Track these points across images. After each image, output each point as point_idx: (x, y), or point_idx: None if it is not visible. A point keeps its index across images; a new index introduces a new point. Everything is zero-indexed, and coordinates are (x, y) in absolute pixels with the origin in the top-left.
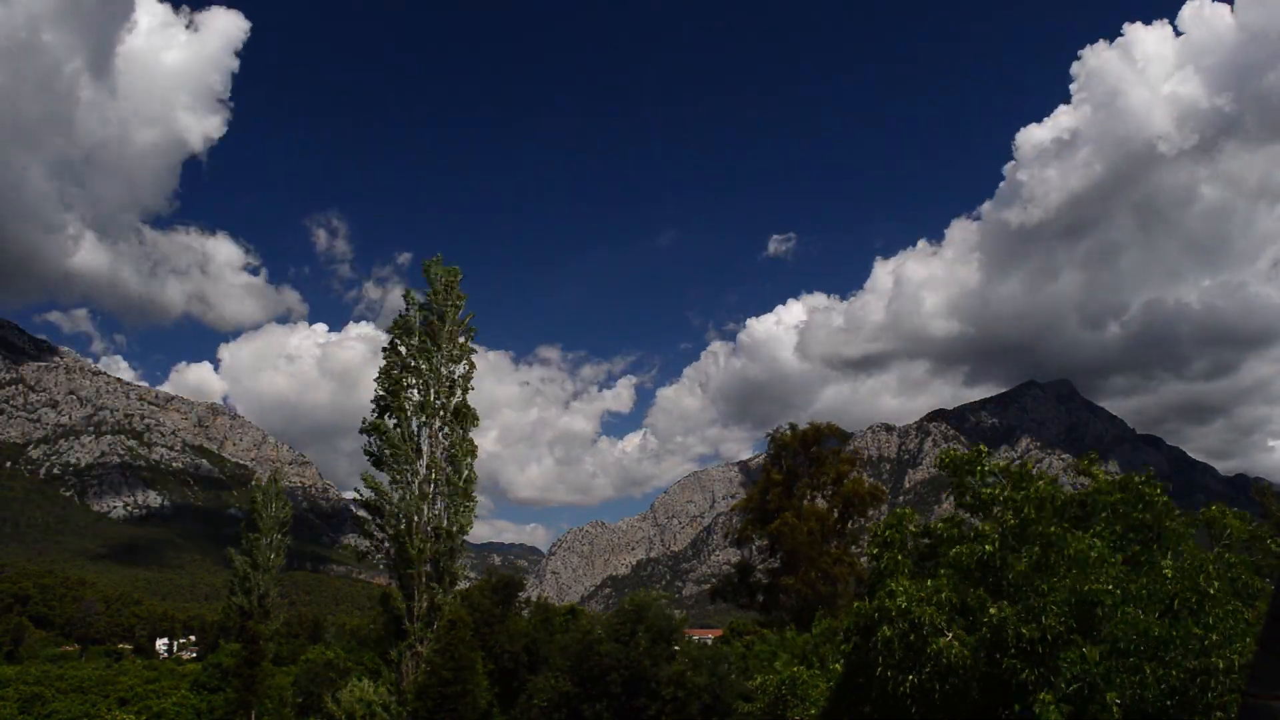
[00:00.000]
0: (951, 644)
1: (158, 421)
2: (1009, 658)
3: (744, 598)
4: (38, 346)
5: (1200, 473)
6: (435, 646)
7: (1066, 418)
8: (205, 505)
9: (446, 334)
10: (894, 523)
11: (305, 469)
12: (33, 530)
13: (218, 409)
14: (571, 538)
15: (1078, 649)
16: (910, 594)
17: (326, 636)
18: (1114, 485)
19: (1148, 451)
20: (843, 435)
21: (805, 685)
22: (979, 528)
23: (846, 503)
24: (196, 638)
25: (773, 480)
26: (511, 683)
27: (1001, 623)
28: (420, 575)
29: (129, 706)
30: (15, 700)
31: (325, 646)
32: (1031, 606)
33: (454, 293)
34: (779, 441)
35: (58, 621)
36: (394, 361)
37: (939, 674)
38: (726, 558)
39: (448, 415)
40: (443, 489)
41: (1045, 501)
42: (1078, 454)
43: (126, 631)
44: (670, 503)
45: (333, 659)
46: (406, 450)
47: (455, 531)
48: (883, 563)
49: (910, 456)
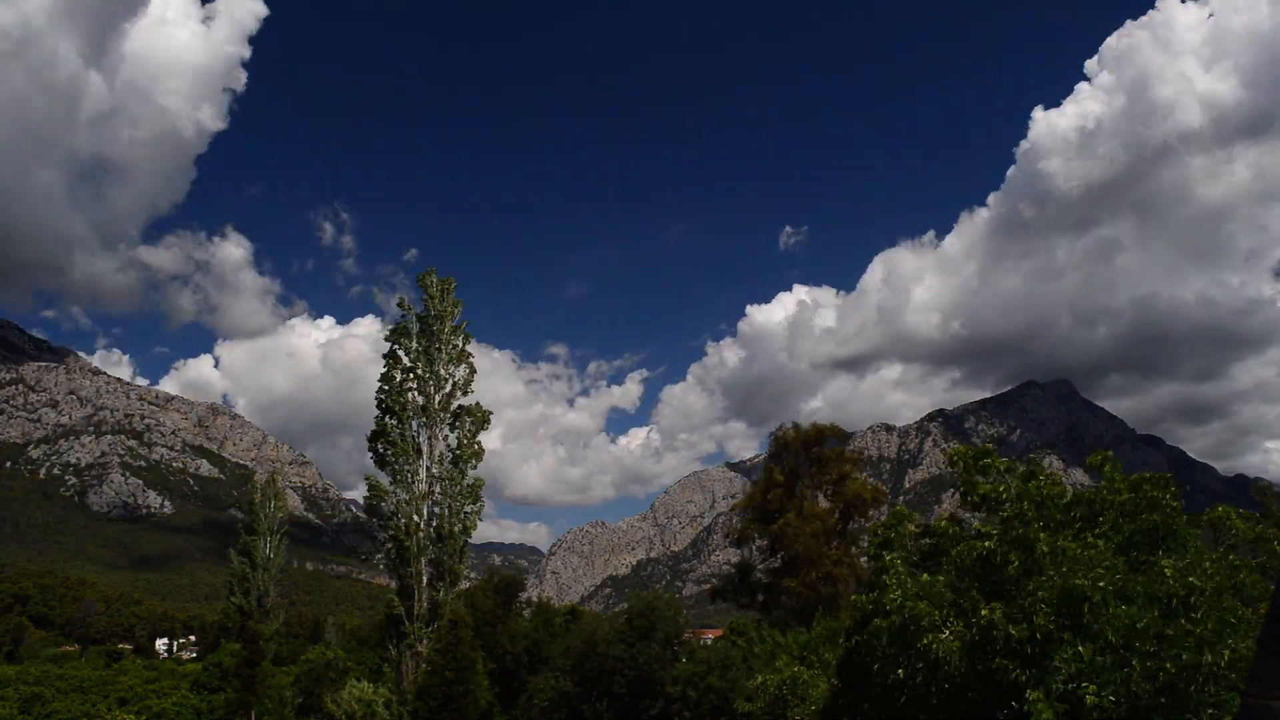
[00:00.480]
0: (941, 639)
1: (158, 421)
2: (999, 658)
3: (744, 598)
4: (38, 346)
5: (1200, 473)
6: (436, 646)
7: (1066, 418)
8: (205, 505)
9: (445, 339)
10: (893, 522)
11: (305, 469)
12: (33, 530)
13: (218, 409)
14: (571, 538)
15: (1071, 646)
16: (906, 589)
17: (326, 636)
18: (1125, 485)
19: (1148, 451)
20: (844, 435)
21: (805, 685)
22: (979, 526)
23: (848, 504)
24: (196, 638)
25: (774, 480)
26: (512, 683)
27: (991, 623)
28: (421, 575)
29: (129, 706)
30: (15, 700)
31: (325, 646)
32: (1022, 606)
33: (450, 299)
34: (780, 441)
35: (58, 621)
36: (395, 366)
37: (928, 668)
38: (726, 558)
39: (449, 417)
40: (446, 490)
41: (1047, 501)
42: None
43: (126, 631)
44: (670, 503)
45: (333, 659)
46: (409, 452)
47: (458, 532)
48: (882, 561)
49: (910, 456)
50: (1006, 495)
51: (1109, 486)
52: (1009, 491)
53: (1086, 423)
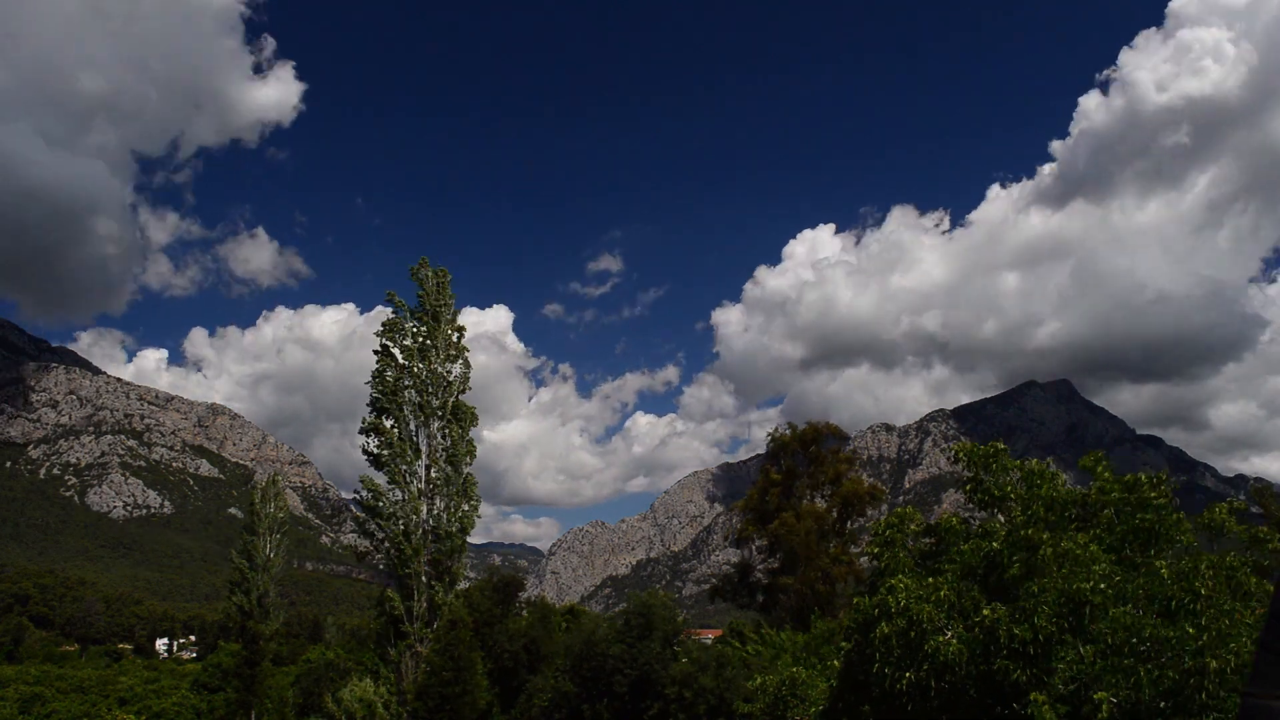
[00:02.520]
0: (949, 642)
1: (158, 421)
2: (1001, 658)
3: (744, 598)
4: (38, 346)
5: (1200, 473)
6: (435, 646)
7: (1066, 418)
8: (205, 505)
9: (441, 335)
10: (895, 522)
11: (305, 469)
12: (33, 530)
13: (218, 409)
14: (571, 538)
15: (1073, 649)
16: (910, 591)
17: (326, 636)
18: (1118, 485)
19: (1148, 451)
20: (842, 435)
21: (805, 685)
22: (985, 525)
23: (845, 503)
24: (196, 638)
25: (772, 480)
26: (511, 683)
27: (994, 623)
28: (419, 575)
29: (129, 706)
30: (15, 700)
31: (325, 646)
32: (1024, 607)
33: (445, 293)
34: (778, 441)
35: (58, 621)
36: (387, 364)
37: (935, 671)
38: (726, 558)
39: (446, 415)
40: (442, 489)
41: (1055, 502)
42: (1078, 454)
43: (126, 631)
44: (670, 503)
45: (333, 659)
46: (405, 451)
47: (456, 531)
48: (883, 561)
49: (910, 456)
50: (1015, 494)
51: (1101, 487)
52: (1017, 490)
53: (1086, 423)
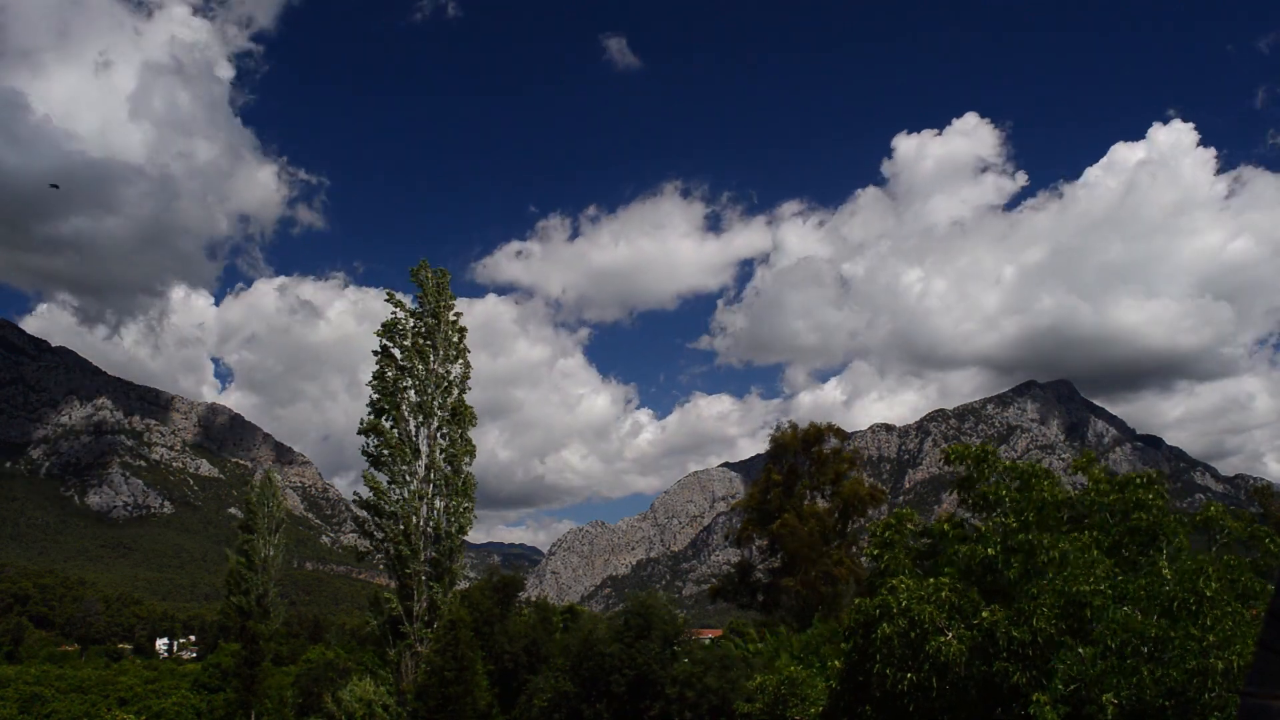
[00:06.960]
0: (950, 642)
1: (158, 421)
2: (1001, 660)
3: (744, 598)
4: (37, 346)
5: (1200, 473)
6: (435, 646)
7: (1066, 418)
8: (205, 505)
9: (441, 335)
10: (894, 523)
11: (305, 469)
12: (33, 530)
13: (218, 409)
14: (571, 538)
15: (1073, 650)
16: (911, 592)
17: (326, 636)
18: (1112, 485)
19: (1148, 451)
20: (843, 435)
21: (805, 685)
22: (980, 529)
23: (847, 503)
24: (196, 638)
25: (773, 480)
26: (511, 683)
27: (993, 625)
28: (419, 575)
29: (129, 706)
30: (15, 700)
31: (325, 646)
32: (1023, 609)
33: (445, 294)
34: (779, 441)
35: (58, 621)
36: (387, 364)
37: (937, 672)
38: (726, 558)
39: (445, 415)
40: (441, 489)
41: (1048, 505)
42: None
43: (126, 631)
44: (670, 503)
45: (333, 659)
46: (405, 451)
47: (455, 531)
48: (883, 562)
49: (910, 456)
50: (1008, 497)
51: (1095, 488)
52: (1009, 493)
53: (1086, 423)
